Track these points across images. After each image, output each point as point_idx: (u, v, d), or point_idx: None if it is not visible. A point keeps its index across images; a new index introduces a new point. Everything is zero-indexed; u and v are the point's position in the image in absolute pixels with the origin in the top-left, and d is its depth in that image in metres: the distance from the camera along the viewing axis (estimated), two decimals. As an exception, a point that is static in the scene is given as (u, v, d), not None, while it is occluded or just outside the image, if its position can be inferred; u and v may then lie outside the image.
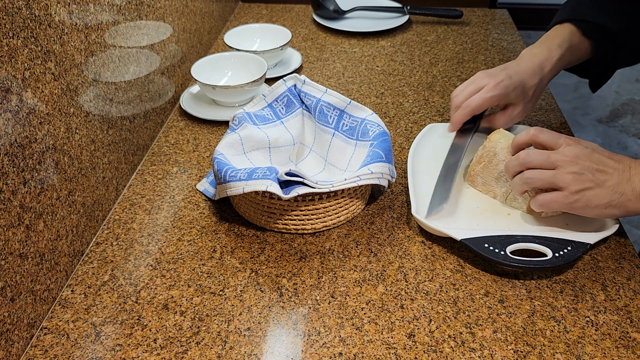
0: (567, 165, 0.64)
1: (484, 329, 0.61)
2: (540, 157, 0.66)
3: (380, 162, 0.72)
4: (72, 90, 0.67)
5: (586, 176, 0.63)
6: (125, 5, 0.80)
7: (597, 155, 0.65)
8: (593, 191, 0.63)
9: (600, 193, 0.63)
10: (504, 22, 1.33)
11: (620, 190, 0.63)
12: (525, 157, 0.67)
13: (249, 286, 0.66)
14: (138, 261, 0.69)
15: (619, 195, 0.63)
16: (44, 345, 0.60)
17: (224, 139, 0.76)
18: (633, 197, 0.63)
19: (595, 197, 0.63)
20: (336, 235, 0.73)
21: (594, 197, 0.63)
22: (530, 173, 0.66)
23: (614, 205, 0.63)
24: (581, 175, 0.63)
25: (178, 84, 1.02)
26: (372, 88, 1.06)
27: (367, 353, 0.59)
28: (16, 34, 0.56)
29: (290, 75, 0.83)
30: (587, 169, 0.64)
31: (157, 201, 0.79)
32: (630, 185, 0.63)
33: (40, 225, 0.61)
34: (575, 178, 0.63)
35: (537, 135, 0.68)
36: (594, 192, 0.63)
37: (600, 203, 0.63)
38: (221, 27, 1.29)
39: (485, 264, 0.69)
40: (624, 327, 0.61)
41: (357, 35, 1.27)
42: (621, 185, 0.63)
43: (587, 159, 0.64)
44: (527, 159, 0.67)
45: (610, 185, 0.63)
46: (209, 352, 0.59)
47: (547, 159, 0.65)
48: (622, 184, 0.63)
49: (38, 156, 0.60)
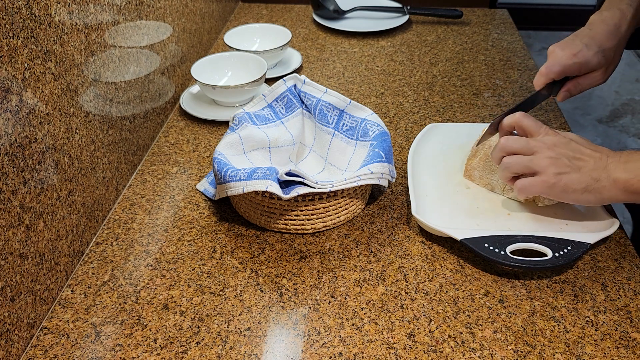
0: (544, 150, 0.66)
1: (484, 329, 0.61)
2: (519, 142, 0.68)
3: (380, 162, 0.72)
4: (72, 90, 0.67)
5: (562, 161, 0.66)
6: (125, 5, 0.80)
7: (574, 144, 0.67)
8: (569, 175, 0.65)
9: (577, 178, 0.65)
10: (504, 22, 1.33)
11: (596, 176, 0.65)
12: (505, 143, 0.69)
13: (249, 286, 0.66)
14: (138, 261, 0.69)
15: (594, 181, 0.65)
16: (44, 345, 0.60)
17: (224, 139, 0.76)
18: (608, 184, 0.64)
19: (572, 181, 0.65)
20: (336, 235, 0.73)
21: (571, 181, 0.65)
22: (509, 159, 0.68)
23: (590, 191, 0.65)
24: (558, 160, 0.66)
25: (178, 84, 1.02)
26: (372, 88, 1.06)
27: (367, 353, 0.59)
28: (16, 34, 0.56)
29: (290, 75, 0.83)
30: (564, 155, 0.66)
31: (157, 201, 0.79)
32: (606, 172, 0.65)
33: (40, 225, 0.61)
34: (552, 162, 0.66)
35: (521, 120, 0.69)
36: (571, 177, 0.65)
37: (578, 188, 0.65)
38: (221, 27, 1.29)
39: (485, 264, 0.69)
40: (624, 327, 0.61)
41: (357, 35, 1.27)
42: (597, 171, 0.65)
43: (564, 147, 0.67)
44: (506, 145, 0.69)
45: (586, 171, 0.65)
46: (209, 352, 0.59)
47: (525, 145, 0.68)
48: (598, 170, 0.65)
49: (38, 156, 0.60)
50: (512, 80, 1.08)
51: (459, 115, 0.98)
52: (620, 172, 0.64)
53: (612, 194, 0.65)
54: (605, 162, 0.65)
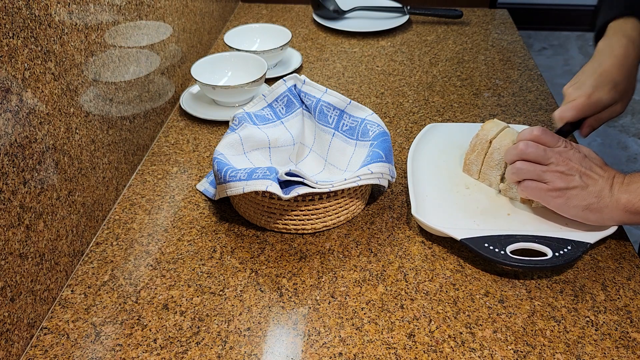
0: (559, 164, 0.67)
1: (484, 329, 0.61)
2: (537, 150, 0.68)
3: (380, 162, 0.72)
4: (72, 90, 0.67)
5: (573, 177, 0.67)
6: (125, 5, 0.80)
7: (588, 162, 0.68)
8: (575, 191, 0.67)
9: (581, 195, 0.66)
10: (504, 22, 1.33)
11: (600, 196, 0.66)
12: (524, 149, 0.69)
13: (249, 286, 0.66)
14: (138, 261, 0.69)
15: (598, 200, 0.66)
16: (44, 345, 0.60)
17: (224, 139, 0.76)
18: (610, 203, 0.66)
19: (575, 197, 0.67)
20: (336, 235, 0.73)
21: (575, 197, 0.67)
22: (521, 164, 0.69)
23: (591, 209, 0.66)
24: (568, 175, 0.67)
25: (178, 84, 1.02)
26: (372, 88, 1.06)
27: (367, 353, 0.59)
28: (16, 34, 0.56)
29: (290, 75, 0.83)
30: (576, 171, 0.67)
31: (157, 201, 0.79)
32: (610, 193, 0.66)
33: (40, 225, 0.61)
34: (561, 177, 0.67)
35: (540, 137, 0.69)
36: (576, 192, 0.67)
37: (580, 204, 0.67)
38: (221, 27, 1.29)
39: (485, 264, 0.69)
40: (624, 327, 0.61)
41: (357, 35, 1.27)
42: (603, 191, 0.66)
43: (577, 162, 0.67)
44: (525, 151, 0.69)
45: (592, 190, 0.66)
46: (209, 352, 0.59)
47: (543, 154, 0.68)
48: (604, 190, 0.66)
49: (38, 156, 0.60)
50: (512, 80, 1.08)
51: (459, 115, 0.98)
52: (622, 192, 0.65)
53: (613, 214, 0.66)
54: (611, 183, 0.67)
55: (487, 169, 0.77)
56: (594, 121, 0.81)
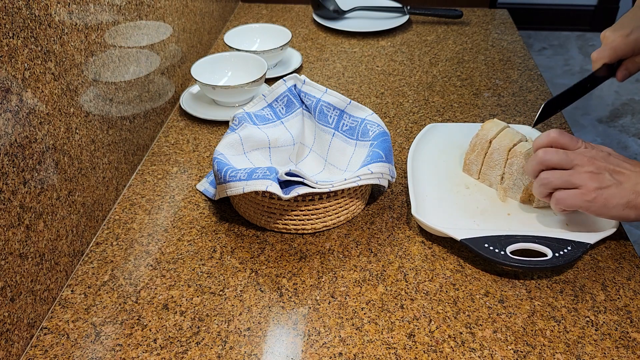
0: (585, 164, 0.64)
1: (484, 329, 0.61)
2: (558, 155, 0.66)
3: (380, 162, 0.72)
4: (72, 90, 0.67)
5: (603, 176, 0.63)
6: (125, 5, 0.80)
7: (613, 158, 0.65)
8: (611, 190, 0.63)
9: (619, 192, 0.63)
10: (504, 22, 1.33)
11: (637, 191, 0.63)
12: (544, 156, 0.66)
13: (249, 286, 0.66)
14: (138, 261, 0.69)
15: (636, 196, 0.63)
16: (44, 345, 0.60)
17: (224, 139, 0.76)
18: None
19: (613, 196, 0.63)
20: (336, 235, 0.73)
21: (612, 196, 0.63)
22: (547, 174, 0.66)
23: (632, 207, 0.63)
24: (598, 174, 0.64)
25: (178, 84, 1.02)
26: (372, 88, 1.06)
27: (367, 353, 0.59)
28: (16, 34, 0.56)
29: (290, 75, 0.83)
30: (605, 169, 0.64)
31: (157, 201, 0.79)
32: None
33: (40, 225, 0.61)
34: (592, 177, 0.63)
35: (557, 139, 0.67)
36: (612, 191, 0.63)
37: (619, 203, 0.63)
38: (221, 27, 1.29)
39: (485, 264, 0.69)
40: (624, 327, 0.61)
41: (357, 35, 1.27)
42: (638, 186, 0.63)
43: (603, 161, 0.65)
44: (545, 157, 0.66)
45: (627, 187, 0.63)
46: (209, 352, 0.59)
47: (565, 158, 0.65)
48: (639, 185, 0.63)
49: (38, 156, 0.60)
50: (512, 80, 1.08)
51: (459, 115, 0.98)
52: None
53: None
54: None
55: (487, 169, 0.77)
56: (631, 64, 0.78)
